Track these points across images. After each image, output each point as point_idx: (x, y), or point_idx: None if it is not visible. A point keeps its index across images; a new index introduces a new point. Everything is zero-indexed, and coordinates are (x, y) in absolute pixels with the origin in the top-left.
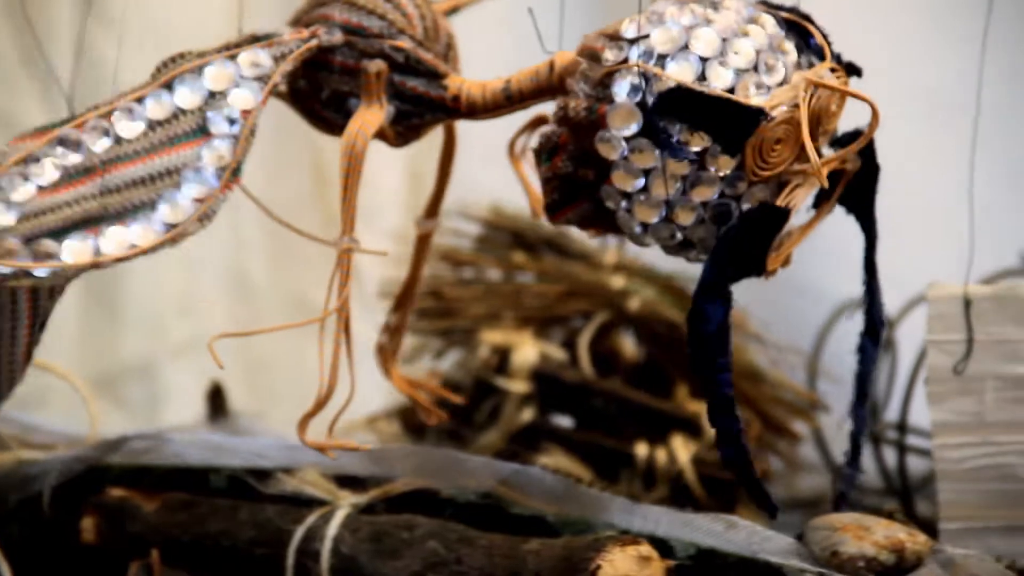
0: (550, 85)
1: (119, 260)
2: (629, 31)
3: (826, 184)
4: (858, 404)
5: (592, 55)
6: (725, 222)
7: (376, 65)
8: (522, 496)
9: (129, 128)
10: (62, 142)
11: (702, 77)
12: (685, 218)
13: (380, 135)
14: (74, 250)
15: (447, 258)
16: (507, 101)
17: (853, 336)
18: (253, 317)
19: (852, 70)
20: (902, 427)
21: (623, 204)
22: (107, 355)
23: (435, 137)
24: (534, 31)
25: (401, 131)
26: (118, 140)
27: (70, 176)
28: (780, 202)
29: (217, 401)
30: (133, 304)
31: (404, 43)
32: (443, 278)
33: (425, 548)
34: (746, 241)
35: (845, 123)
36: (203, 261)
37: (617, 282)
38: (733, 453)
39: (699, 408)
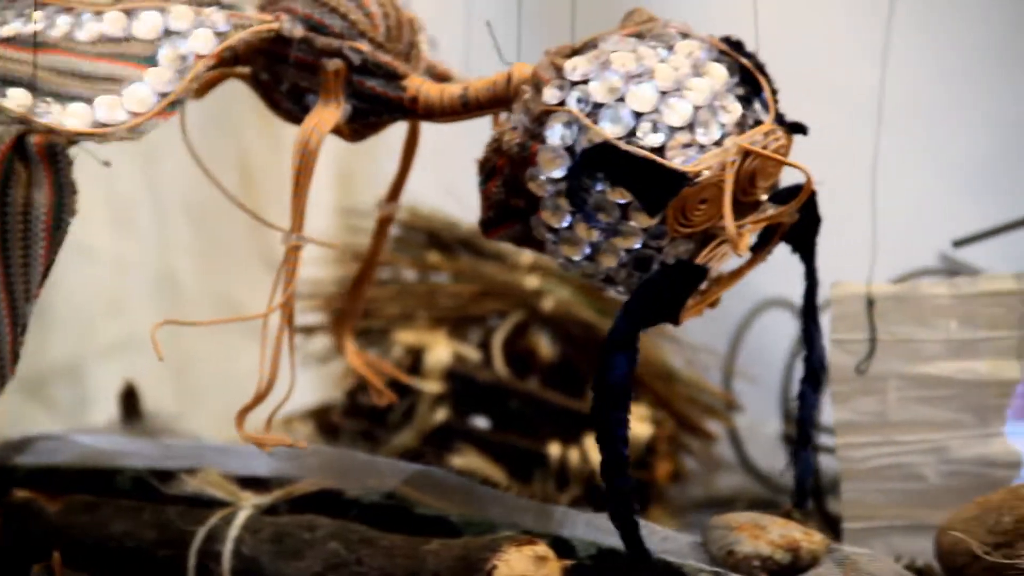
0: (506, 96)
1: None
2: (571, 72)
3: (742, 255)
4: (801, 448)
5: (538, 85)
6: (646, 269)
7: (334, 64)
8: (426, 496)
9: (84, 29)
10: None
11: (633, 133)
12: (607, 261)
13: (336, 131)
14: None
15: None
16: (463, 107)
17: (769, 335)
18: (181, 317)
19: (796, 129)
20: (814, 426)
21: (550, 237)
22: (35, 356)
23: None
24: (492, 43)
25: (357, 128)
26: (71, 33)
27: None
28: (701, 259)
29: (130, 402)
30: (61, 305)
31: (363, 46)
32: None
33: (326, 549)
34: (661, 296)
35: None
36: (131, 261)
37: (532, 282)
38: (620, 511)
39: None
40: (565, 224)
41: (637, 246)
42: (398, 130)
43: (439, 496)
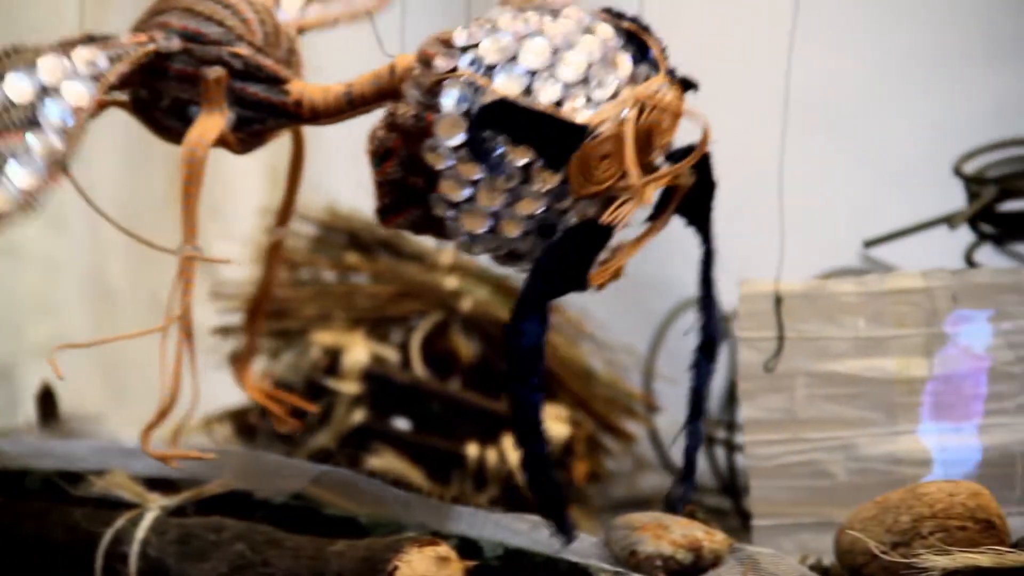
0: (392, 89)
1: None
2: (460, 39)
3: (649, 203)
4: (692, 419)
5: (426, 61)
6: (551, 235)
7: (215, 72)
8: (335, 497)
9: None
10: None
11: (529, 90)
12: (511, 230)
13: (222, 142)
14: None
15: (282, 260)
16: (349, 105)
17: (691, 335)
18: (112, 318)
19: (688, 85)
20: (731, 425)
21: (450, 213)
22: None
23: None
24: (375, 35)
25: (243, 137)
26: None
27: None
28: (605, 218)
29: (47, 404)
30: None
31: (243, 50)
32: (277, 279)
33: (232, 550)
34: (567, 257)
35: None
36: (61, 261)
37: (450, 283)
38: (538, 475)
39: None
40: (466, 195)
41: (540, 211)
42: (333, 128)
43: (348, 497)
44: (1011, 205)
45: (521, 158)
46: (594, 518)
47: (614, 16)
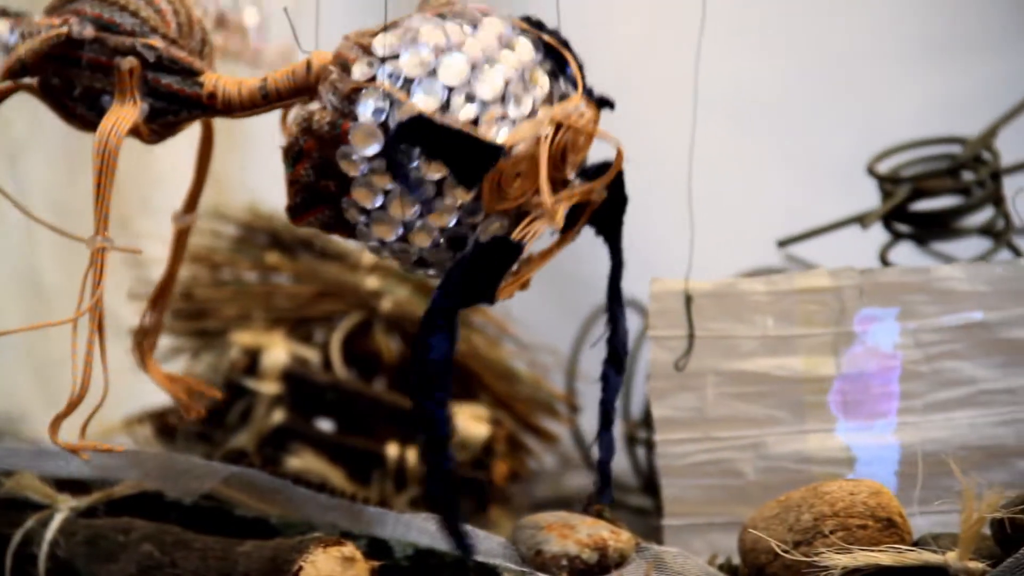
0: (307, 85)
1: None
2: (379, 48)
3: (559, 226)
4: (603, 430)
5: (343, 65)
6: (460, 248)
7: (128, 62)
8: (246, 498)
9: None
10: None
11: (447, 106)
12: (421, 240)
13: (135, 132)
14: None
15: (202, 259)
16: (264, 100)
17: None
18: (45, 315)
19: (604, 103)
20: (649, 423)
21: (362, 219)
22: None
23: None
24: (291, 31)
25: (156, 128)
26: None
27: None
28: (516, 235)
29: None
30: None
31: (156, 41)
32: (197, 279)
33: (140, 551)
34: (477, 273)
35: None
36: None
37: (371, 282)
38: (440, 492)
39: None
40: (378, 204)
41: (452, 224)
42: (270, 127)
43: (259, 497)
44: (925, 204)
45: (435, 173)
46: (517, 517)
47: (534, 26)
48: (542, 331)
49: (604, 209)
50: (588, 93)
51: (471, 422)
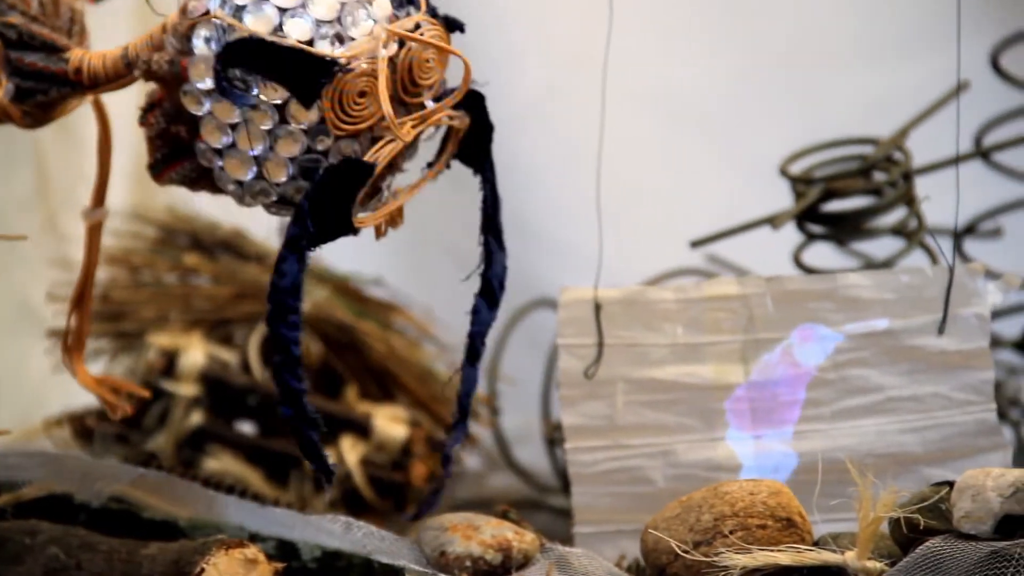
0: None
1: None
2: None
3: (407, 140)
4: (468, 363)
5: (184, 9)
6: (314, 178)
7: None
8: (155, 500)
9: None
10: None
11: (280, 28)
12: (276, 174)
13: (5, 115)
14: None
15: (120, 261)
16: (127, 68)
17: (536, 336)
18: None
19: (452, 25)
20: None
21: (217, 162)
22: None
23: None
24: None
25: (28, 111)
26: None
27: None
28: (368, 158)
29: None
30: None
31: (15, 19)
32: (115, 280)
33: (46, 554)
34: (327, 196)
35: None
36: None
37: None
38: (293, 413)
39: (369, 410)
40: (226, 142)
41: (301, 151)
42: None
43: (168, 500)
44: (839, 205)
45: (275, 97)
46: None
47: None
48: (464, 333)
49: (469, 137)
50: (432, 12)
51: (389, 423)
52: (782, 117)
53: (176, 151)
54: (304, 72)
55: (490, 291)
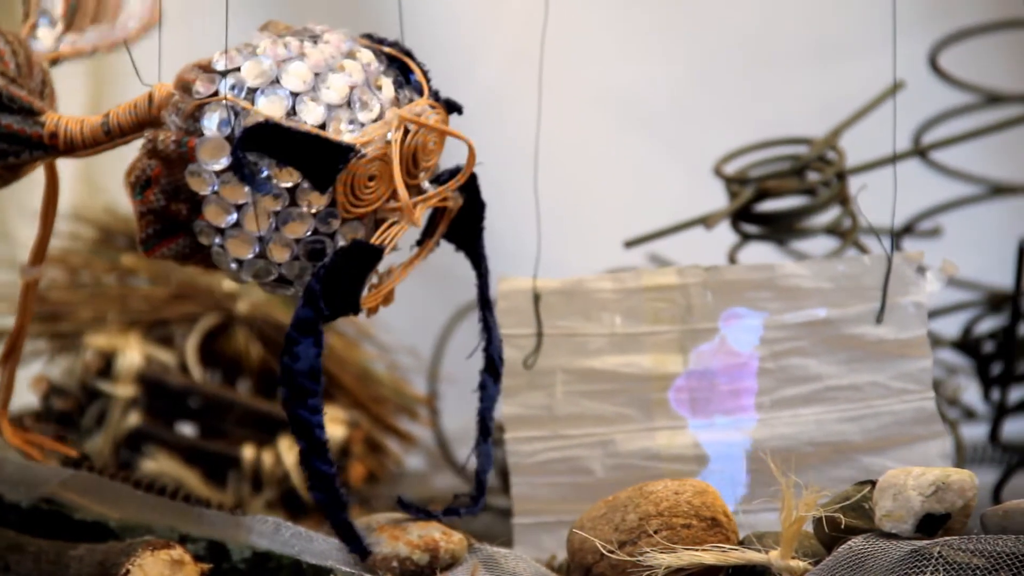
0: (150, 118)
1: None
2: (220, 63)
3: (418, 223)
4: (482, 441)
5: (185, 87)
6: (319, 259)
7: None
8: (87, 501)
9: None
10: None
11: (293, 112)
12: (279, 255)
13: None
14: None
15: (58, 262)
16: (106, 136)
17: (476, 337)
18: None
19: (452, 107)
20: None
21: (216, 240)
22: None
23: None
24: (132, 65)
25: None
26: None
27: None
28: (375, 240)
29: None
30: None
31: None
32: (53, 281)
33: None
34: (339, 279)
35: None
36: None
37: (228, 284)
38: (326, 498)
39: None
40: (231, 221)
41: (308, 234)
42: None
43: (100, 501)
44: (774, 205)
45: (287, 180)
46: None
47: (374, 42)
48: (403, 333)
49: (461, 217)
50: (435, 96)
51: (328, 424)
52: (729, 117)
53: (170, 227)
54: (321, 158)
55: (493, 366)
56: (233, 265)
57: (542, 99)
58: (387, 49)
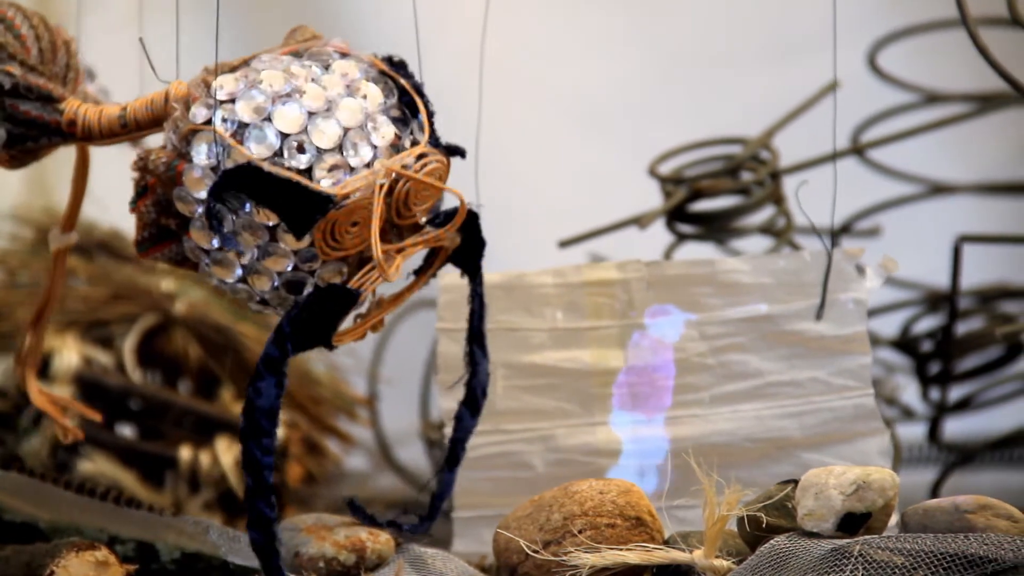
0: (164, 114)
1: None
2: (221, 90)
3: (392, 280)
4: (448, 469)
5: (188, 103)
6: (299, 292)
7: None
8: (16, 502)
9: None
10: None
11: (280, 153)
12: (261, 283)
13: None
14: None
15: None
16: (122, 128)
17: (415, 336)
18: None
19: (453, 152)
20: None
21: (203, 259)
22: None
23: None
24: (148, 62)
25: (15, 155)
26: None
27: None
28: (354, 283)
29: None
30: None
31: (13, 68)
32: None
33: None
34: (311, 320)
35: None
36: None
37: (166, 285)
38: (262, 540)
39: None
40: (216, 245)
41: (288, 268)
42: None
43: (30, 502)
44: (708, 204)
45: (268, 220)
46: None
47: (395, 66)
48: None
49: (461, 252)
50: (435, 143)
51: None
52: (673, 116)
53: (162, 234)
54: (300, 206)
55: (473, 399)
56: (217, 282)
57: (483, 97)
58: (402, 82)
